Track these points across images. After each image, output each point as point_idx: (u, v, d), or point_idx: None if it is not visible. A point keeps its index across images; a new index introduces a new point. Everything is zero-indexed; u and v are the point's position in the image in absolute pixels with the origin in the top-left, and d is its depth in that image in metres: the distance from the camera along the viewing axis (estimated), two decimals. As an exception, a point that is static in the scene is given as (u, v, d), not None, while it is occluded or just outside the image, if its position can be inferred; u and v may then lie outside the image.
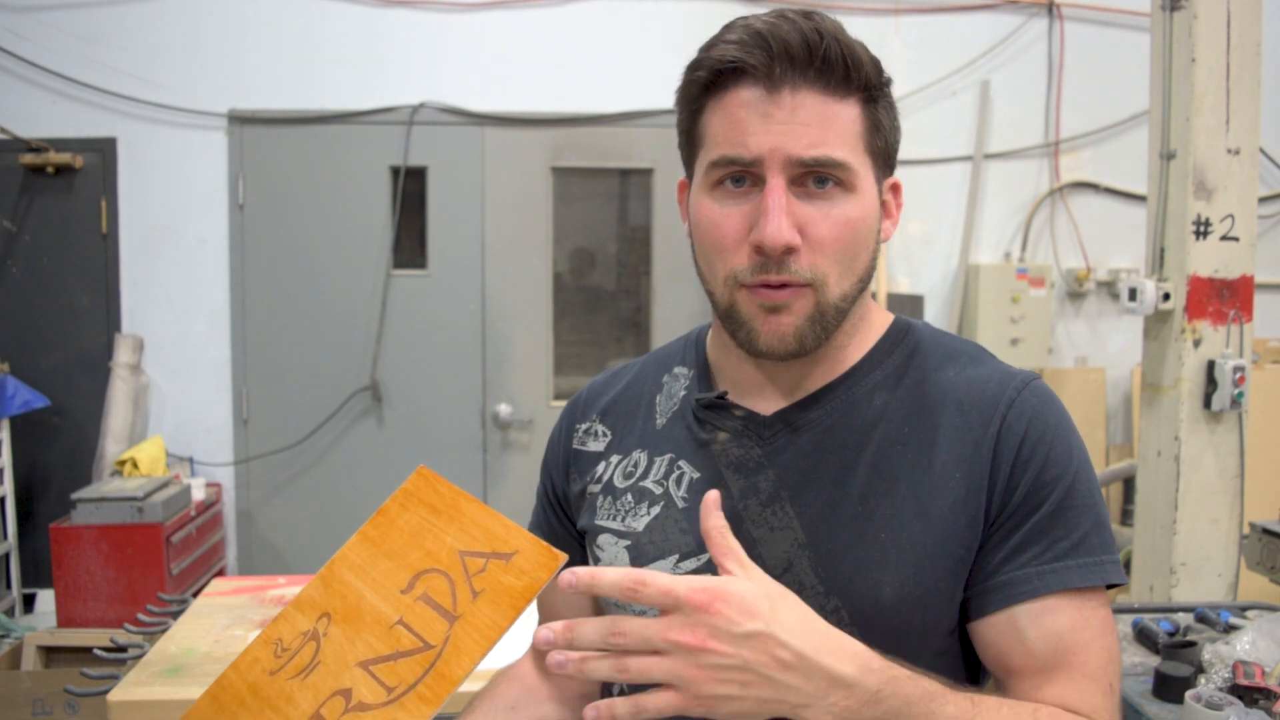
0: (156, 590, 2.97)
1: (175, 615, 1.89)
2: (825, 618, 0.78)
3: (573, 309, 3.95)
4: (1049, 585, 0.81)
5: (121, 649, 1.74)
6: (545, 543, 0.78)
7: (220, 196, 3.76)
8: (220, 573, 3.67)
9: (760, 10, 0.85)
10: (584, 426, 1.03)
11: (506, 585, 0.77)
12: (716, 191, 0.84)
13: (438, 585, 0.80)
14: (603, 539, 0.94)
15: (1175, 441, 2.43)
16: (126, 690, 1.53)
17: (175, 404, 3.81)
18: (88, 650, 2.30)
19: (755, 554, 0.85)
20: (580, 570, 0.69)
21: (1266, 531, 2.12)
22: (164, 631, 1.81)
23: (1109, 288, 4.03)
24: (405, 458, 3.83)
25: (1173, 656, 1.63)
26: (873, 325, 0.93)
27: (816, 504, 0.85)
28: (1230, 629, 1.80)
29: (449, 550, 0.82)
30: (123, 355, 3.67)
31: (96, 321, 3.76)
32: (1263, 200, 3.60)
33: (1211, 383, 2.39)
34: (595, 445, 1.00)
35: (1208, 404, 2.40)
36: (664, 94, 4.35)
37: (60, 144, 3.65)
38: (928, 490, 0.83)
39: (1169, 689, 1.55)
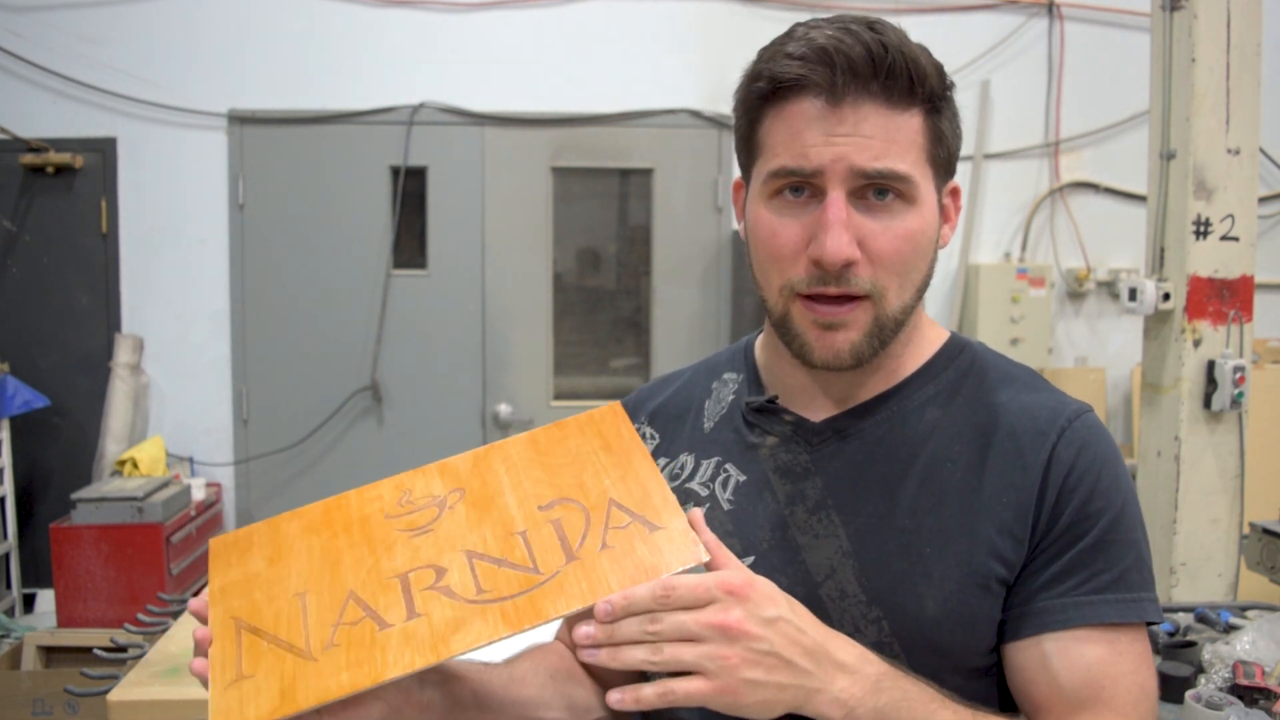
0: (156, 590, 2.96)
1: (175, 615, 1.89)
2: (866, 627, 0.81)
3: (573, 309, 3.95)
4: (1084, 617, 0.80)
5: (121, 649, 1.74)
6: (694, 535, 0.75)
7: (220, 196, 3.76)
8: (220, 573, 3.66)
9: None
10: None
11: (636, 554, 0.74)
12: (775, 201, 0.83)
13: (573, 518, 0.78)
14: None
15: (1175, 441, 2.43)
16: (126, 690, 1.53)
17: (175, 404, 3.81)
18: (88, 650, 2.30)
19: (799, 559, 0.85)
20: (612, 597, 0.71)
21: (1266, 531, 2.12)
22: (164, 631, 1.81)
23: (1109, 288, 4.03)
24: (405, 458, 3.82)
25: (1173, 656, 1.63)
26: (926, 337, 0.93)
27: (863, 513, 0.85)
28: (1230, 629, 1.80)
29: (601, 491, 0.79)
30: (123, 355, 3.67)
31: (96, 321, 3.75)
32: (1263, 200, 3.60)
33: (1211, 383, 2.39)
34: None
35: (1208, 404, 2.40)
36: (664, 94, 4.37)
37: (60, 144, 3.65)
38: (975, 510, 0.83)
39: (1169, 689, 1.55)
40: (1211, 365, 2.40)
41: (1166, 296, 2.40)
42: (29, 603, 3.72)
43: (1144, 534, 0.85)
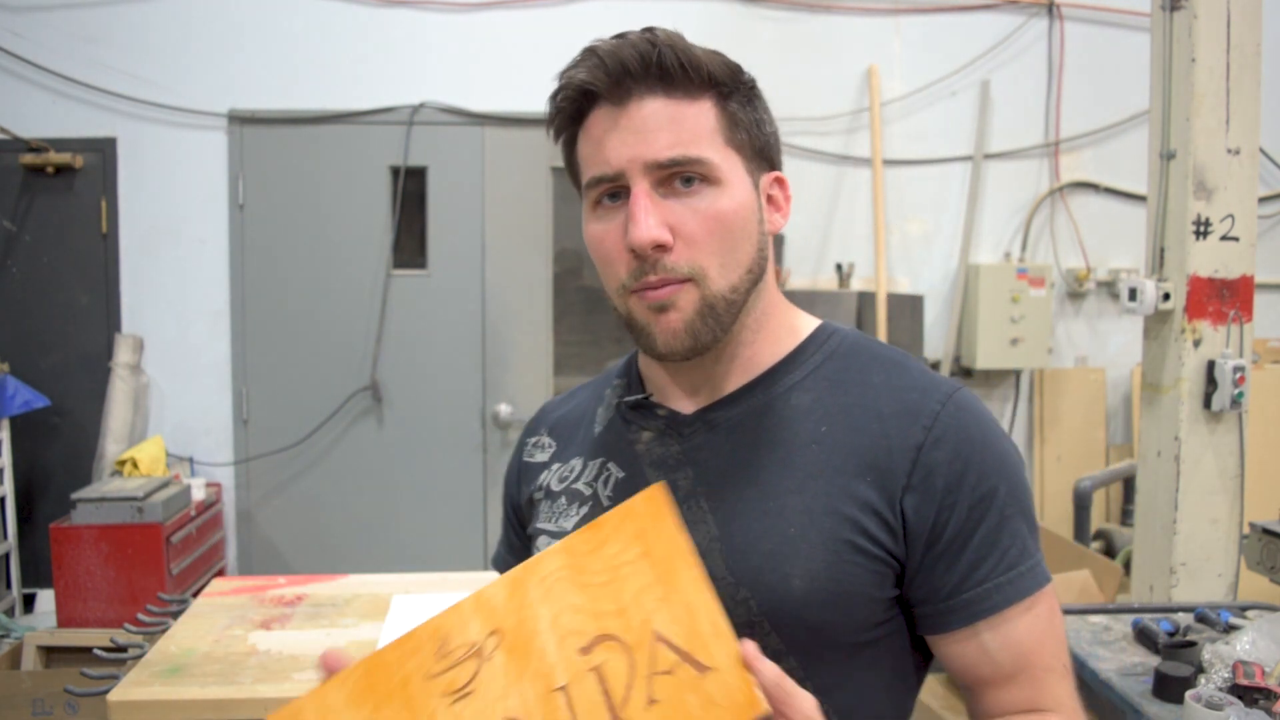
0: (156, 590, 2.96)
1: (175, 615, 1.89)
2: (735, 608, 0.83)
3: (573, 309, 3.95)
4: (1007, 599, 0.85)
5: (121, 649, 1.74)
6: (749, 677, 0.67)
7: (220, 196, 3.76)
8: (220, 573, 3.67)
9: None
10: (533, 440, 1.07)
11: (687, 709, 0.66)
12: (596, 211, 0.88)
13: (616, 663, 0.70)
14: (540, 541, 0.97)
15: (1175, 441, 2.43)
16: (126, 690, 1.53)
17: (175, 404, 3.81)
18: (88, 650, 2.30)
19: None
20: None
21: (1266, 531, 2.12)
22: (164, 631, 1.81)
23: (1109, 288, 4.03)
24: (405, 458, 3.84)
25: (1173, 656, 1.64)
26: (791, 328, 0.95)
27: (730, 499, 0.88)
28: (1230, 629, 1.80)
29: (644, 619, 0.70)
30: (123, 355, 3.67)
31: (96, 321, 3.76)
32: (1263, 200, 3.60)
33: (1211, 383, 2.39)
34: (541, 456, 1.04)
35: (1208, 404, 2.40)
36: (664, 94, 4.20)
37: (60, 144, 3.65)
38: (840, 490, 0.85)
39: (1169, 689, 1.55)
40: (1211, 365, 2.40)
41: (1166, 296, 2.40)
42: (29, 603, 3.72)
43: (1030, 495, 0.89)
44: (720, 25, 3.79)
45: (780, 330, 0.94)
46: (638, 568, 0.73)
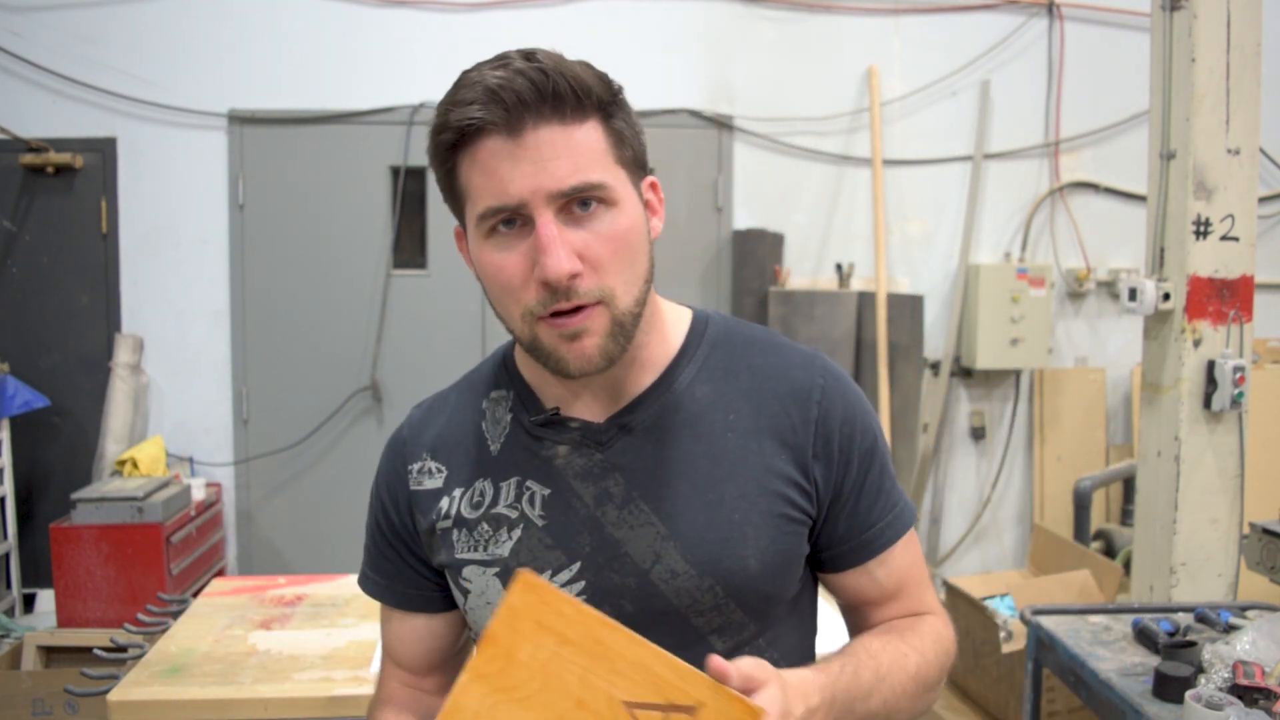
0: (156, 590, 2.96)
1: (175, 615, 1.89)
2: (702, 596, 0.91)
3: (573, 309, 3.94)
4: (893, 535, 0.99)
5: (121, 649, 1.74)
6: (733, 694, 0.68)
7: (220, 196, 3.76)
8: (220, 573, 3.67)
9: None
10: (417, 466, 1.02)
11: None
12: (492, 239, 0.87)
13: None
14: (468, 571, 0.96)
15: (1175, 441, 2.43)
16: (126, 690, 1.53)
17: (175, 404, 3.81)
18: (88, 650, 2.30)
19: (622, 553, 0.92)
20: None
21: (1266, 531, 2.12)
22: (164, 631, 1.81)
23: (1109, 288, 4.03)
24: (405, 458, 3.83)
25: (1173, 656, 1.63)
26: (670, 321, 1.00)
27: (669, 498, 0.92)
28: (1230, 629, 1.80)
29: (609, 700, 0.67)
30: (123, 355, 3.67)
31: (96, 321, 3.76)
32: (1263, 200, 3.60)
33: (1211, 383, 2.39)
34: (432, 483, 1.00)
35: (1208, 404, 2.40)
36: (664, 94, 4.37)
37: (60, 144, 3.65)
38: (762, 469, 0.94)
39: (1169, 689, 1.55)
40: (1211, 365, 2.40)
41: (1166, 296, 2.40)
42: (29, 603, 3.72)
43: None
44: (720, 25, 3.79)
45: (664, 325, 0.99)
46: (564, 657, 0.70)
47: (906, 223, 4.00)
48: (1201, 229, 2.38)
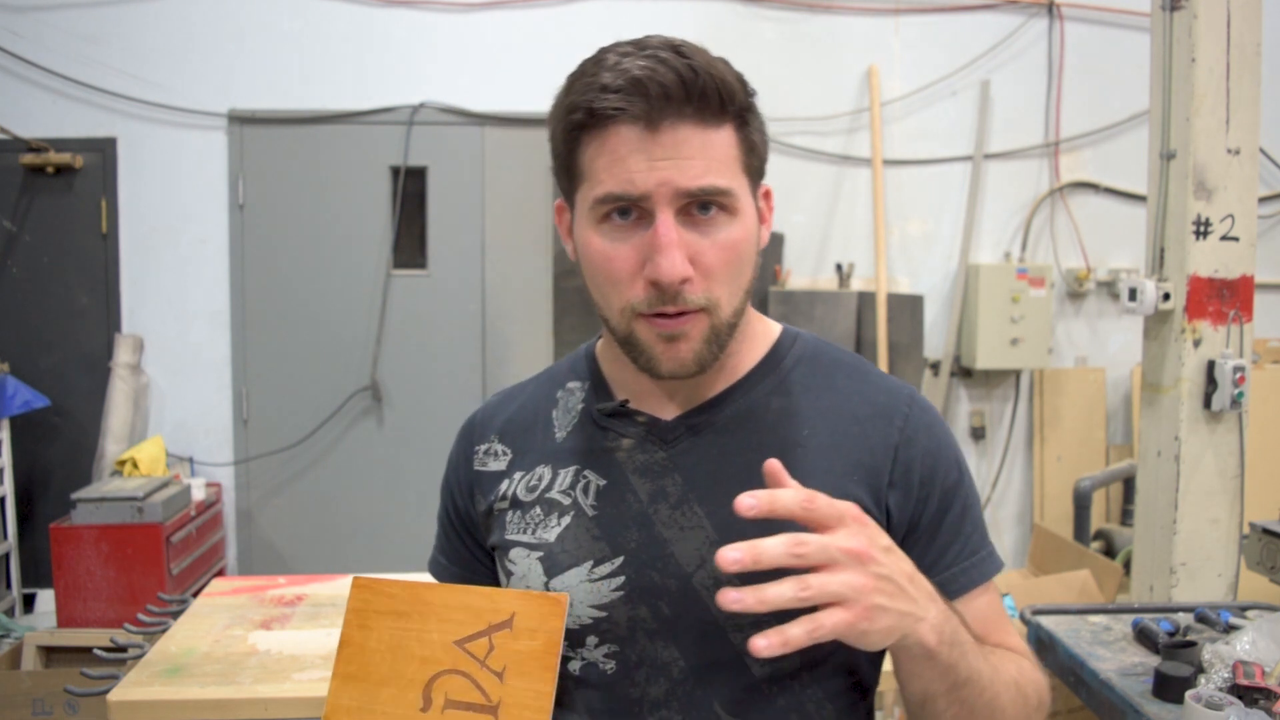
0: (156, 590, 2.97)
1: (175, 615, 1.89)
2: (742, 610, 0.84)
3: (573, 309, 3.95)
4: (973, 580, 0.92)
5: (121, 649, 1.74)
6: (534, 592, 0.75)
7: (220, 196, 3.76)
8: (220, 573, 3.67)
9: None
10: (483, 448, 1.03)
11: (524, 651, 0.73)
12: (604, 226, 0.85)
13: (457, 686, 0.75)
14: (514, 553, 0.95)
15: (1175, 441, 2.43)
16: (126, 690, 1.53)
17: (175, 404, 3.81)
18: (88, 650, 2.30)
19: (668, 553, 0.89)
20: (757, 497, 0.72)
21: (1266, 531, 2.12)
22: (164, 631, 1.81)
23: (1109, 288, 4.03)
24: (405, 458, 3.84)
25: (1173, 656, 1.63)
26: (760, 333, 0.98)
27: (725, 504, 0.86)
28: (1230, 629, 1.80)
29: (442, 646, 0.77)
30: (123, 355, 3.67)
31: (96, 321, 3.76)
32: (1263, 200, 3.60)
33: (1211, 383, 2.39)
34: (496, 465, 1.01)
35: (1208, 404, 2.40)
36: (664, 94, 4.21)
37: (60, 144, 3.65)
38: (831, 489, 0.85)
39: (1169, 689, 1.55)
40: (1211, 365, 2.40)
41: (1166, 296, 2.40)
42: (29, 603, 3.72)
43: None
44: (720, 25, 3.79)
45: (755, 335, 0.97)
46: (402, 629, 0.79)
47: (906, 223, 4.00)
48: (1201, 229, 2.38)
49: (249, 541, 3.84)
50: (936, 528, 0.91)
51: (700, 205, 0.83)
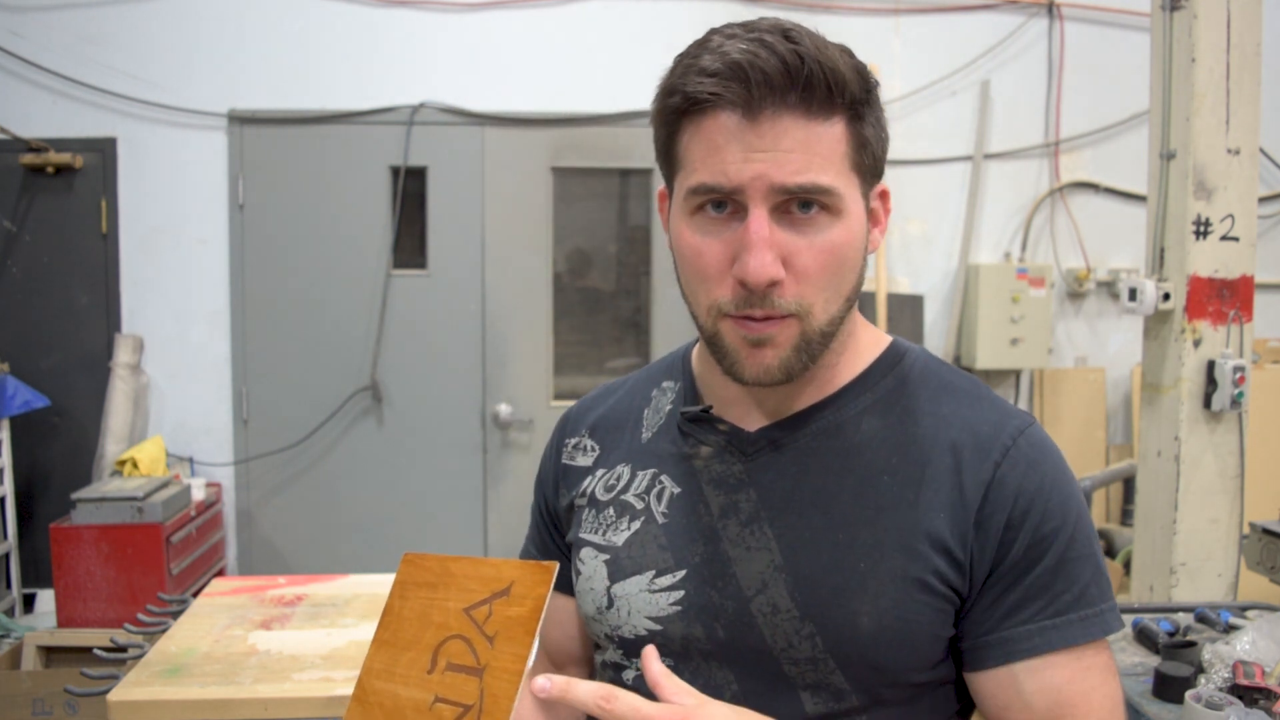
0: (156, 590, 2.96)
1: (175, 615, 1.89)
2: (799, 643, 0.81)
3: (572, 309, 3.95)
4: (1050, 643, 0.80)
5: (121, 649, 1.74)
6: (531, 561, 0.79)
7: (220, 196, 3.76)
8: (220, 573, 3.67)
9: (762, 11, 0.85)
10: (573, 441, 1.01)
11: (513, 616, 0.77)
12: (697, 218, 0.81)
13: (457, 649, 0.80)
14: (584, 552, 0.93)
15: (1175, 441, 2.43)
16: (126, 690, 1.53)
17: (175, 404, 3.81)
18: (88, 650, 2.30)
19: (730, 572, 0.84)
20: (555, 678, 0.73)
21: (1266, 531, 2.12)
22: (164, 631, 1.81)
23: (1109, 288, 4.03)
24: (405, 458, 3.84)
25: (1173, 656, 1.63)
26: (863, 344, 0.90)
27: (796, 526, 0.84)
28: (1230, 629, 1.80)
29: (455, 614, 0.82)
30: (123, 355, 3.67)
31: (96, 321, 3.76)
32: (1263, 200, 3.60)
33: (1211, 383, 2.39)
34: (584, 460, 0.99)
35: (1208, 404, 2.40)
36: (664, 94, 4.20)
37: (60, 144, 3.65)
38: (911, 525, 0.81)
39: (1169, 689, 1.55)
40: (1211, 365, 2.40)
41: (1166, 296, 2.40)
42: (29, 603, 3.72)
43: (1098, 542, 0.85)
44: (720, 25, 3.78)
45: (858, 347, 0.90)
46: (428, 598, 0.85)
47: (906, 223, 4.00)
48: (1201, 229, 2.38)
49: (249, 541, 3.84)
50: (1018, 579, 0.81)
51: (800, 203, 0.77)
